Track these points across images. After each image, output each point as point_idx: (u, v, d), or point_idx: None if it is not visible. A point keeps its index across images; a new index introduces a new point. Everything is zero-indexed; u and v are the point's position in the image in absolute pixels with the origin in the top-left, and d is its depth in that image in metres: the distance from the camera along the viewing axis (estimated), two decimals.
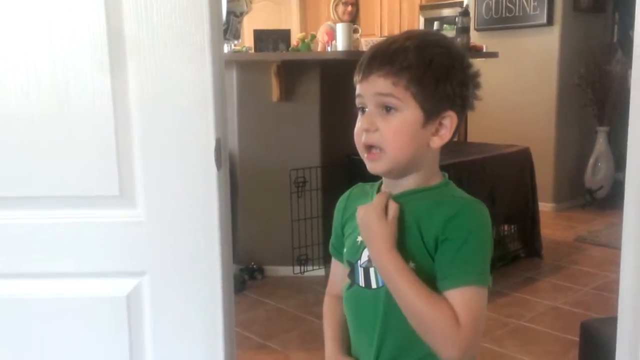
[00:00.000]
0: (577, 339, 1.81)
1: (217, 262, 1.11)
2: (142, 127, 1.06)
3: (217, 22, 1.09)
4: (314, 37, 3.48)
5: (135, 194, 1.08)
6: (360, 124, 0.96)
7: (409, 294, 0.90)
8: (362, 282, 1.01)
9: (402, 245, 0.94)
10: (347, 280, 1.04)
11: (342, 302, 1.09)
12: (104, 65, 1.03)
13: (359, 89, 0.96)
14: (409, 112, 0.92)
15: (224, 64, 1.11)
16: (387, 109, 0.93)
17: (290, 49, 3.33)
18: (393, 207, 0.95)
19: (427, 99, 0.92)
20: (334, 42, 3.41)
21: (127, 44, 1.03)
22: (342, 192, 1.18)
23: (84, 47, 1.03)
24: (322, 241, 3.35)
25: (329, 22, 3.84)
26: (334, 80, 3.35)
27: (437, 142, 0.96)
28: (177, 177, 1.08)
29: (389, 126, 0.93)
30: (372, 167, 0.97)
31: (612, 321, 1.15)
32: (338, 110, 3.34)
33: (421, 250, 0.93)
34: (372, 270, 0.99)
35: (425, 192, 0.98)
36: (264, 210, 3.38)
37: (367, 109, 0.95)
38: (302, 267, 3.38)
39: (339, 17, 4.24)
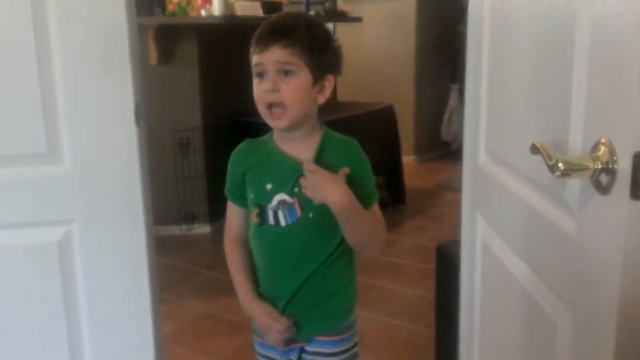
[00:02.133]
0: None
1: (140, 207, 1.29)
2: (66, 90, 1.20)
3: None
4: (189, 0, 3.56)
5: (62, 151, 1.22)
6: (262, 85, 1.17)
7: (362, 221, 1.19)
8: (272, 221, 1.23)
9: None
10: (256, 220, 1.25)
11: (245, 250, 1.30)
12: (28, 30, 1.15)
13: (259, 58, 1.16)
14: (303, 75, 1.17)
15: (137, 34, 1.26)
16: (286, 73, 1.16)
17: (166, 12, 3.40)
18: (343, 172, 1.17)
19: (315, 66, 1.17)
20: (208, 5, 3.52)
21: (49, 14, 1.16)
22: (224, 151, 1.37)
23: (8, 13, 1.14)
24: (207, 199, 3.52)
25: None
26: (212, 43, 3.48)
27: (321, 99, 1.22)
28: (101, 134, 1.23)
29: (288, 86, 1.16)
30: (276, 124, 1.19)
31: (460, 242, 1.47)
32: (217, 72, 3.50)
33: None
34: (280, 212, 1.22)
35: (326, 148, 1.22)
36: (149, 171, 3.46)
37: (266, 75, 1.16)
38: (189, 225, 3.55)
39: None
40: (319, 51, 1.17)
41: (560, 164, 0.71)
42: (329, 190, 1.15)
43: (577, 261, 0.79)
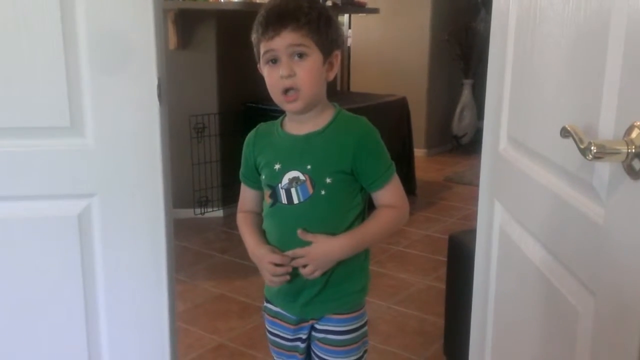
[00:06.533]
0: (445, 258, 2.17)
1: (159, 183, 1.29)
2: (90, 66, 1.20)
3: None
4: None
5: (85, 125, 1.23)
6: (278, 71, 1.16)
7: (373, 239, 1.26)
8: (284, 200, 1.23)
9: (324, 167, 1.20)
10: (269, 200, 1.26)
11: (255, 217, 1.32)
12: (55, 7, 1.15)
13: (269, 44, 1.16)
14: (315, 56, 1.17)
15: (162, 13, 1.26)
16: (300, 55, 1.16)
17: None
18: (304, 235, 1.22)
19: (324, 44, 1.18)
20: None
21: None
22: (238, 137, 1.38)
23: None
24: (221, 184, 3.53)
25: None
26: (231, 30, 3.48)
27: (331, 75, 1.24)
28: (124, 110, 1.24)
29: (303, 69, 1.16)
30: (291, 107, 1.19)
31: (473, 232, 1.48)
32: (234, 59, 3.50)
33: (339, 169, 1.20)
34: (293, 190, 1.22)
35: (334, 124, 1.23)
36: None
37: (279, 60, 1.16)
38: (203, 209, 3.56)
39: None
40: (326, 28, 1.18)
41: (593, 147, 0.70)
42: (327, 255, 1.21)
43: (604, 248, 0.78)
